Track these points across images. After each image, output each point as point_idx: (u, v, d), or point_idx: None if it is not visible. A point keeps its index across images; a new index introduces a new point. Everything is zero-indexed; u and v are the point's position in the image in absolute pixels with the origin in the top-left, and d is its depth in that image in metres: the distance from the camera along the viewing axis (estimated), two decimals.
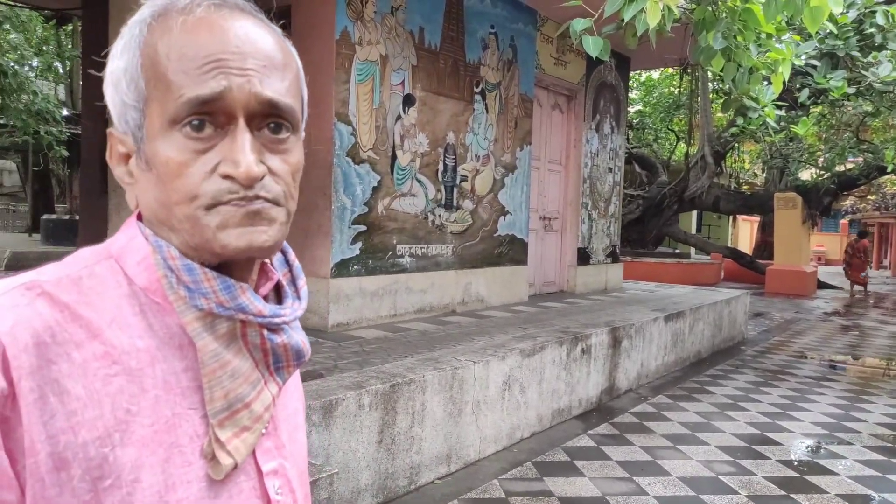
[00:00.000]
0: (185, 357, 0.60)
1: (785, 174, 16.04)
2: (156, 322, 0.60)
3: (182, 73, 0.57)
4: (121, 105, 0.61)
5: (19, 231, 17.25)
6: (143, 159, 0.60)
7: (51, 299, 0.56)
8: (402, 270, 5.29)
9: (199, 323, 0.60)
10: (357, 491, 3.17)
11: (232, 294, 0.59)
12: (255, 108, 0.58)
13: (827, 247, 29.96)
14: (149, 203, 0.61)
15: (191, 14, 0.58)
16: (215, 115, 0.57)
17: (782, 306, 12.46)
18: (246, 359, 0.62)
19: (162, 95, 0.58)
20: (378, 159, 5.00)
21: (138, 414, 0.57)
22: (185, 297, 0.59)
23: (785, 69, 3.45)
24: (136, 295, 0.60)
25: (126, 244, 0.63)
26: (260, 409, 0.62)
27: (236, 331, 0.61)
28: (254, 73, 0.58)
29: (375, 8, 4.90)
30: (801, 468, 4.07)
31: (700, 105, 15.44)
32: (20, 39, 12.35)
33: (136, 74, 0.59)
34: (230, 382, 0.60)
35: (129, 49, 0.60)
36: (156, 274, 0.60)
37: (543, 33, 6.86)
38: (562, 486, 3.65)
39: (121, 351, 0.57)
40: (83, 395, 0.55)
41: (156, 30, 0.59)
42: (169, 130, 0.58)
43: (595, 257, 8.13)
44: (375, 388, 3.24)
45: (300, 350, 0.66)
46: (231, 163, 0.57)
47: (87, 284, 0.59)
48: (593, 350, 5.09)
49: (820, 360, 7.49)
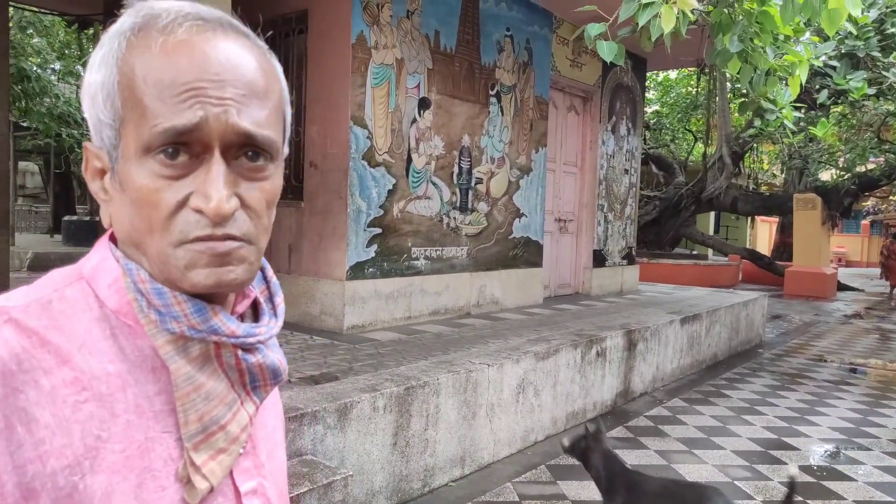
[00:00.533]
0: (158, 380, 0.59)
1: (804, 175, 15.84)
2: (127, 345, 0.59)
3: (158, 101, 0.55)
4: (96, 120, 0.59)
5: (41, 232, 17.51)
6: (117, 180, 0.59)
7: (18, 326, 0.55)
8: (416, 273, 5.32)
9: (171, 346, 0.58)
10: (371, 493, 3.20)
11: (204, 317, 0.58)
12: (231, 139, 0.57)
13: (848, 248, 29.56)
14: (123, 225, 0.60)
15: (171, 35, 0.56)
16: (191, 144, 0.56)
17: (801, 308, 12.33)
18: (221, 380, 0.60)
19: (137, 119, 0.56)
20: (393, 162, 5.03)
21: (109, 440, 0.56)
22: (156, 321, 0.58)
23: (802, 72, 3.42)
24: (107, 318, 0.59)
25: (97, 265, 0.61)
26: (236, 431, 0.61)
27: (210, 352, 0.60)
28: (232, 102, 0.56)
29: (391, 12, 4.93)
30: (819, 474, 4.03)
31: (718, 105, 15.30)
32: (43, 44, 12.54)
33: (113, 92, 0.57)
34: (204, 405, 0.59)
35: (107, 64, 0.58)
36: (127, 297, 0.59)
37: (559, 35, 6.85)
38: (575, 489, 3.65)
39: (91, 376, 0.56)
40: (52, 422, 0.54)
41: (135, 47, 0.57)
42: (143, 156, 0.56)
43: (611, 259, 8.10)
44: (390, 390, 3.26)
45: (276, 369, 0.64)
46: (203, 196, 0.55)
47: (58, 308, 0.58)
48: (608, 353, 5.07)
49: (840, 363, 7.40)
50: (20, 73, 9.77)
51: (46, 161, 16.36)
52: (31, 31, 11.85)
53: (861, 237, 30.54)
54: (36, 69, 10.95)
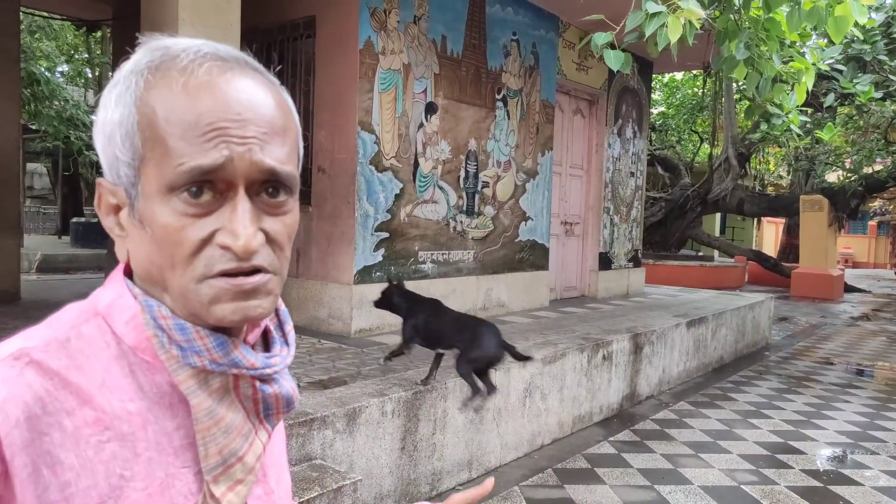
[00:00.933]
0: (175, 415, 0.60)
1: (811, 176, 15.80)
2: (145, 382, 0.59)
3: (182, 140, 0.55)
4: (113, 158, 0.59)
5: (49, 233, 17.61)
6: (136, 217, 0.58)
7: (39, 367, 0.55)
8: (423, 276, 5.34)
9: (193, 381, 0.59)
10: (380, 497, 3.23)
11: (225, 350, 0.59)
12: (255, 177, 0.57)
13: (854, 249, 29.44)
14: (142, 261, 0.60)
15: (192, 75, 0.56)
16: (215, 182, 0.56)
17: (808, 310, 12.30)
18: (238, 411, 0.61)
19: (159, 159, 0.56)
20: (401, 167, 5.06)
21: (132, 479, 0.56)
22: (177, 356, 0.58)
23: (808, 79, 3.43)
24: (125, 355, 0.59)
25: (113, 301, 0.61)
26: (252, 461, 0.62)
27: (229, 384, 0.61)
28: (255, 141, 0.57)
29: (398, 17, 4.96)
30: (826, 478, 4.04)
31: (724, 107, 15.29)
32: (51, 47, 12.63)
33: (132, 132, 0.57)
34: (224, 438, 0.60)
35: (125, 103, 0.58)
36: (145, 333, 0.59)
37: (565, 39, 6.87)
38: (582, 493, 3.67)
39: (112, 416, 0.57)
40: (76, 464, 0.54)
41: (153, 87, 0.57)
42: (166, 195, 0.56)
43: (617, 262, 8.11)
44: (398, 395, 3.29)
45: (290, 398, 0.65)
46: (230, 234, 0.56)
47: (76, 346, 0.58)
48: (614, 356, 5.09)
49: (846, 365, 7.39)
50: (30, 77, 9.85)
51: (54, 163, 16.47)
52: (39, 35, 11.93)
53: (868, 238, 30.42)
54: (45, 72, 11.03)
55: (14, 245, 5.82)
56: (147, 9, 3.57)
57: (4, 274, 5.68)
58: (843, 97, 6.97)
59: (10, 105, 5.72)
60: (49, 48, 12.39)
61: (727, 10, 3.28)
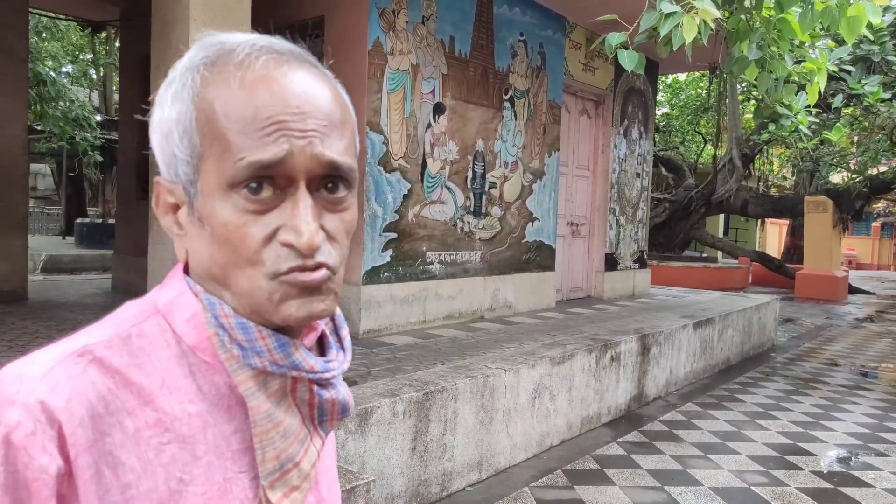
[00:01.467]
0: (233, 418, 0.59)
1: (815, 177, 15.78)
2: (204, 383, 0.58)
3: (242, 135, 0.54)
4: (171, 156, 0.58)
5: (53, 234, 17.64)
6: (195, 215, 0.58)
7: (102, 365, 0.55)
8: (431, 277, 5.34)
9: (252, 382, 0.58)
10: (391, 498, 3.22)
11: (286, 352, 0.58)
12: (316, 171, 0.56)
13: (858, 250, 29.40)
14: (202, 259, 0.59)
15: (249, 70, 0.56)
16: (275, 178, 0.55)
17: (812, 312, 12.28)
18: (295, 415, 0.60)
19: (219, 155, 0.55)
20: (409, 167, 5.06)
21: (191, 483, 0.56)
22: (237, 356, 0.58)
23: (821, 79, 3.42)
24: (185, 354, 0.59)
25: (174, 299, 0.60)
26: (308, 468, 0.61)
27: (287, 387, 0.60)
28: (315, 134, 0.56)
29: (407, 18, 4.96)
30: (836, 479, 4.03)
31: (728, 108, 15.27)
32: (57, 48, 12.67)
33: (191, 129, 0.56)
34: (282, 442, 0.59)
35: (181, 100, 0.57)
36: (206, 332, 0.59)
37: (572, 39, 6.87)
38: (592, 494, 3.66)
39: (172, 417, 0.56)
40: (137, 466, 0.54)
41: (210, 83, 0.56)
42: (226, 192, 0.55)
43: (623, 263, 8.10)
44: (409, 395, 3.29)
45: (346, 404, 0.64)
46: (293, 231, 0.55)
47: (137, 344, 0.57)
48: (622, 357, 5.08)
49: (851, 366, 7.37)
50: (36, 77, 9.87)
51: (59, 163, 16.50)
52: (45, 36, 11.96)
53: (871, 239, 30.37)
54: (51, 73, 11.05)
55: (22, 245, 5.83)
56: (157, 8, 3.57)
57: (13, 274, 5.69)
58: (849, 98, 6.95)
59: (17, 105, 5.73)
60: (55, 49, 12.41)
61: (739, 10, 3.27)
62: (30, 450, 0.50)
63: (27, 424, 0.50)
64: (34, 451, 0.50)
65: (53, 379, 0.53)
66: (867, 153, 12.68)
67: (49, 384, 0.52)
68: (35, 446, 0.50)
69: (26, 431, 0.50)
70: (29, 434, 0.50)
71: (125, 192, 7.03)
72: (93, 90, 17.48)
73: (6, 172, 5.63)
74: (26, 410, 0.51)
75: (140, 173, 6.48)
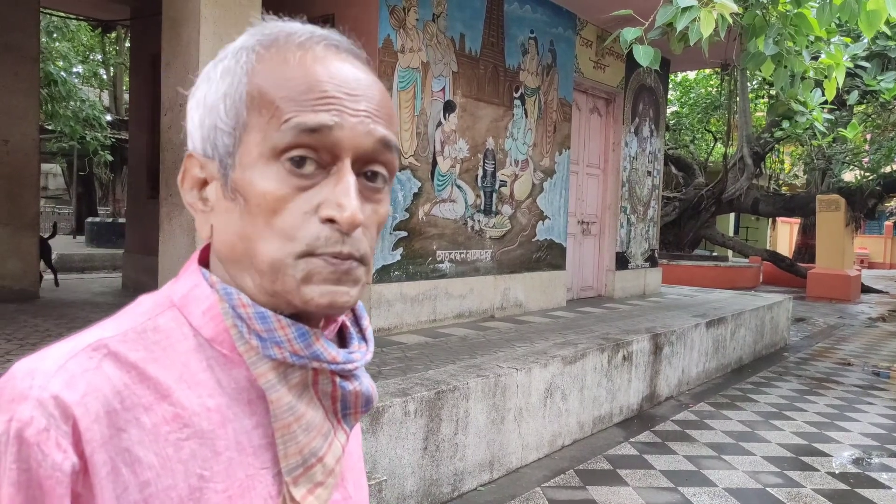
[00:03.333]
0: (254, 413, 0.57)
1: (827, 175, 15.65)
2: (223, 377, 0.57)
3: (292, 102, 0.54)
4: (211, 129, 0.58)
5: (64, 233, 17.74)
6: (229, 188, 0.56)
7: (117, 359, 0.53)
8: (441, 276, 5.32)
9: (272, 374, 0.56)
10: (402, 497, 3.20)
11: (307, 342, 0.56)
12: (365, 148, 0.56)
13: (871, 249, 29.15)
14: (227, 236, 0.57)
15: (309, 51, 0.57)
16: (320, 151, 0.54)
17: (825, 311, 12.17)
18: (317, 409, 0.58)
19: (266, 122, 0.55)
20: (419, 166, 5.04)
21: (212, 479, 0.54)
22: (256, 347, 0.56)
23: (839, 74, 3.37)
24: (202, 348, 0.57)
25: (189, 292, 0.59)
26: (332, 463, 0.59)
27: (308, 379, 0.58)
28: (367, 114, 0.56)
29: (417, 16, 4.94)
30: (852, 480, 3.98)
31: (739, 105, 15.16)
32: (68, 48, 12.73)
33: (239, 101, 0.56)
34: (304, 436, 0.57)
35: (233, 73, 0.57)
36: (223, 324, 0.57)
37: (583, 37, 6.83)
38: (605, 494, 3.63)
39: (191, 412, 0.54)
40: (155, 463, 0.52)
41: (267, 59, 0.56)
42: (268, 161, 0.54)
43: (633, 262, 8.05)
44: (420, 395, 3.27)
45: (370, 396, 0.62)
46: (335, 206, 0.54)
47: (153, 338, 0.56)
48: (634, 357, 5.04)
49: (864, 366, 7.29)
50: (47, 77, 9.92)
51: (69, 163, 16.59)
52: (56, 36, 12.02)
53: (884, 238, 30.09)
54: (62, 73, 11.11)
55: (33, 244, 5.85)
56: (168, 7, 3.56)
57: (24, 272, 5.71)
58: (863, 95, 6.88)
59: (29, 104, 5.74)
60: (66, 49, 12.47)
61: (755, 5, 3.23)
62: (43, 446, 0.48)
63: (40, 420, 0.48)
64: (48, 447, 0.48)
65: (67, 373, 0.51)
66: (881, 151, 12.54)
67: (63, 378, 0.50)
68: (49, 443, 0.48)
69: (39, 427, 0.48)
70: (42, 430, 0.48)
71: (135, 191, 7.04)
72: (103, 90, 17.57)
73: (18, 172, 5.65)
74: (39, 406, 0.49)
75: (150, 173, 6.48)
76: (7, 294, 5.49)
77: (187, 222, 3.40)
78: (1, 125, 5.53)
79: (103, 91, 17.68)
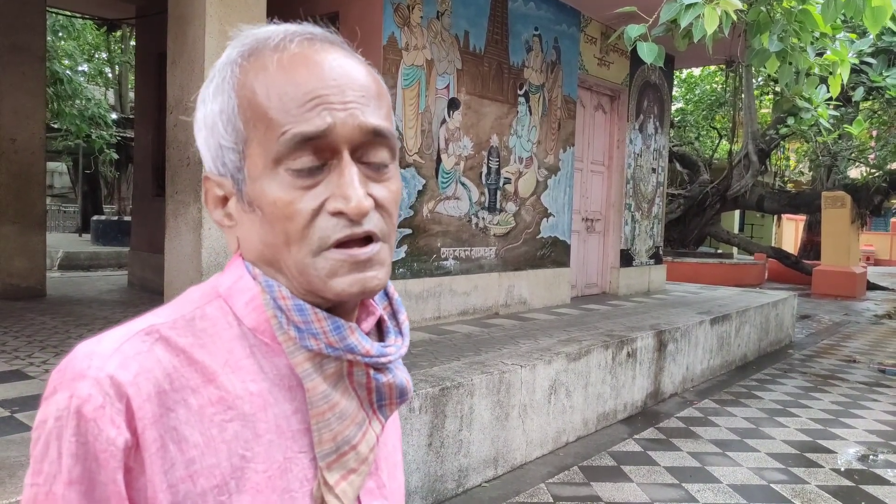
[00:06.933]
0: (294, 399, 0.60)
1: (833, 172, 15.59)
2: (266, 363, 0.60)
3: (284, 112, 0.56)
4: (217, 148, 0.60)
5: (69, 231, 17.79)
6: (245, 201, 0.59)
7: (168, 344, 0.57)
8: (446, 273, 5.33)
9: (308, 363, 0.59)
10: (407, 493, 3.22)
11: (341, 335, 0.59)
12: (359, 139, 0.58)
13: (876, 246, 29.02)
14: (254, 245, 0.61)
15: (285, 51, 0.58)
16: (319, 151, 0.57)
17: (830, 308, 12.14)
18: (352, 398, 0.61)
19: (262, 135, 0.57)
20: (423, 163, 5.05)
21: (253, 460, 0.57)
22: (294, 338, 0.59)
23: (844, 71, 3.37)
24: (245, 336, 0.60)
25: (233, 284, 0.62)
26: (366, 451, 0.61)
27: (343, 371, 0.60)
28: (355, 105, 0.58)
29: (422, 13, 4.94)
30: (857, 477, 3.98)
31: (744, 102, 15.11)
32: (73, 47, 12.78)
33: (234, 116, 0.58)
34: (338, 424, 0.59)
35: (223, 91, 0.59)
36: (264, 314, 0.60)
37: (587, 34, 6.82)
38: (610, 491, 3.64)
39: (234, 395, 0.57)
40: (200, 442, 0.55)
41: (249, 70, 0.58)
42: (273, 170, 0.57)
43: (638, 259, 8.05)
44: (425, 391, 3.28)
45: (404, 388, 0.64)
46: (341, 198, 0.56)
47: (200, 326, 0.59)
48: (639, 354, 5.05)
49: (869, 364, 7.28)
50: (52, 76, 9.96)
51: (75, 161, 16.64)
52: (62, 35, 12.06)
53: (890, 235, 29.95)
54: (67, 72, 11.15)
55: (40, 242, 5.88)
56: (173, 5, 3.58)
57: (31, 270, 5.74)
58: (869, 91, 6.85)
59: (35, 103, 5.77)
60: (71, 48, 12.52)
61: (759, 1, 3.22)
62: (99, 422, 0.52)
63: (97, 398, 0.52)
64: (103, 423, 0.52)
65: (122, 355, 0.54)
66: (886, 147, 12.49)
67: (118, 360, 0.54)
68: (104, 419, 0.52)
69: (96, 404, 0.52)
70: (98, 407, 0.52)
71: (141, 189, 7.07)
72: (108, 88, 17.61)
73: (24, 170, 5.68)
74: (97, 384, 0.53)
75: (156, 171, 6.51)
76: (14, 292, 5.53)
77: (193, 220, 3.42)
78: (9, 124, 5.56)
79: (109, 89, 17.71)
